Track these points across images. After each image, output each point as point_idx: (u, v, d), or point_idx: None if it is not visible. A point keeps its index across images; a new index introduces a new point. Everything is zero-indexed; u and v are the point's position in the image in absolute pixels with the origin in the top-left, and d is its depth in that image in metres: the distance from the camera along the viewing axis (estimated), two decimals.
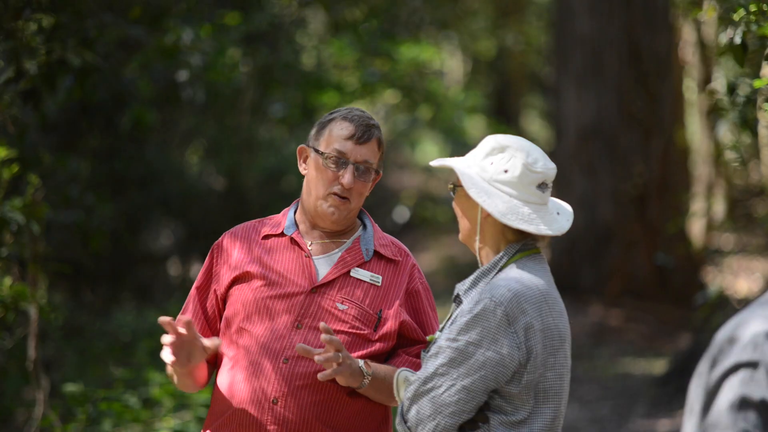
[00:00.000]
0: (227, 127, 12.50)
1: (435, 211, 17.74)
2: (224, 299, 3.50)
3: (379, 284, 3.45)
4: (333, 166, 3.42)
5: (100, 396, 6.66)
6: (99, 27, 6.50)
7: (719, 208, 13.68)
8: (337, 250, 3.48)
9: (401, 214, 17.55)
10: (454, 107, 16.54)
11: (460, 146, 16.28)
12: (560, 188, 11.93)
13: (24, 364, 6.62)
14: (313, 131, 3.51)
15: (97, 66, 6.07)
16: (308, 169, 3.48)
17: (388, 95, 15.46)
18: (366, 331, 3.40)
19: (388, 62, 14.05)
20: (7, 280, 5.95)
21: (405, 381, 3.16)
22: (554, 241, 11.32)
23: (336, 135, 3.43)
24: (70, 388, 6.70)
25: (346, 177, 3.40)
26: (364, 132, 3.43)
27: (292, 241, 3.48)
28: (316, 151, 3.45)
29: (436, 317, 3.55)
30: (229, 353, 3.45)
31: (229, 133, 12.45)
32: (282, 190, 12.95)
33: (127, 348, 9.68)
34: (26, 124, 7.19)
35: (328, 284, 3.42)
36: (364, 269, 3.45)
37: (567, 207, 3.22)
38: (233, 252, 3.51)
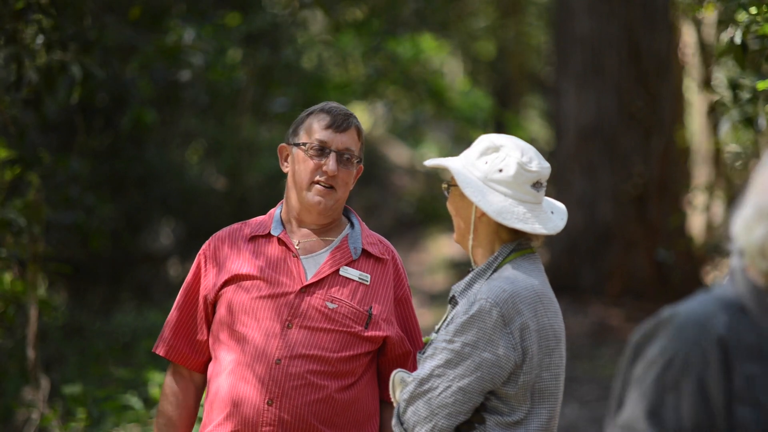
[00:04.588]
0: (227, 127, 12.49)
1: (438, 210, 17.73)
2: (214, 304, 3.50)
3: (368, 283, 3.46)
4: (316, 155, 3.45)
5: (100, 396, 6.67)
6: (99, 28, 6.50)
7: (719, 207, 13.68)
8: (325, 249, 3.49)
9: (403, 212, 17.54)
10: (461, 97, 16.49)
11: (463, 144, 16.25)
12: (560, 188, 11.92)
13: (24, 364, 6.62)
14: (291, 129, 3.54)
15: (97, 74, 6.07)
16: (290, 165, 3.52)
17: (391, 92, 15.44)
18: (357, 329, 3.41)
19: (390, 59, 14.03)
20: (8, 276, 5.95)
21: (401, 382, 3.15)
22: (554, 240, 11.32)
23: (316, 126, 3.47)
24: (70, 388, 6.71)
25: (330, 164, 3.43)
26: (343, 120, 3.47)
27: (280, 241, 3.49)
28: (297, 144, 3.48)
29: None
30: (221, 356, 3.45)
31: (229, 133, 12.44)
32: (282, 190, 12.93)
33: (127, 348, 9.68)
34: (26, 124, 7.19)
35: (317, 283, 3.42)
36: (353, 268, 3.47)
37: (561, 206, 3.22)
38: (221, 256, 3.51)
